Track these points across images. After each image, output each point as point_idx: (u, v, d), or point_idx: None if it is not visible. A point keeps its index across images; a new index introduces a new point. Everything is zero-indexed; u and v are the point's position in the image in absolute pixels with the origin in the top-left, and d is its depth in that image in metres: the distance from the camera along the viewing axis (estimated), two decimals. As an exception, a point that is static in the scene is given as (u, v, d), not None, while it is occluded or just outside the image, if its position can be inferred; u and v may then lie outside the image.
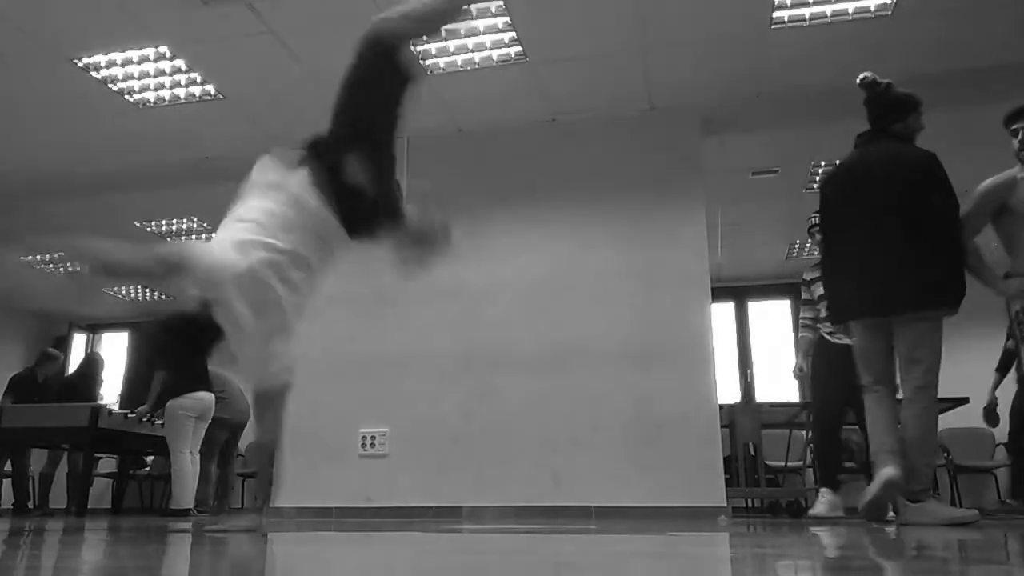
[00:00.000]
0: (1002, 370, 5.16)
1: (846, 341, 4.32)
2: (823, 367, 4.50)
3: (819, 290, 4.49)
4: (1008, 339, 4.79)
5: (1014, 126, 3.40)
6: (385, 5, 4.06)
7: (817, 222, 4.56)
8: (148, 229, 7.01)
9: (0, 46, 4.36)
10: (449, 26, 2.92)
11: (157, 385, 5.69)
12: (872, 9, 4.11)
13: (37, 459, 7.15)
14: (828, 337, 4.47)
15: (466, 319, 4.94)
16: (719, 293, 5.43)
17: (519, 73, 4.69)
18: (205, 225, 6.96)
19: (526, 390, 4.74)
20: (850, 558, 1.58)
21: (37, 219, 6.85)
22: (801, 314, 4.78)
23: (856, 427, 4.47)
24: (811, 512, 4.22)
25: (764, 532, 2.84)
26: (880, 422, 3.23)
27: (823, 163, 5.73)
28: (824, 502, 4.20)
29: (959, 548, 1.81)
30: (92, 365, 7.33)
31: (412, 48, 2.60)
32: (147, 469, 8.05)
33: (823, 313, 4.44)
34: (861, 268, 3.30)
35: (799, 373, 4.77)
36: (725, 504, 4.35)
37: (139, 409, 6.09)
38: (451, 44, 4.44)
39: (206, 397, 5.62)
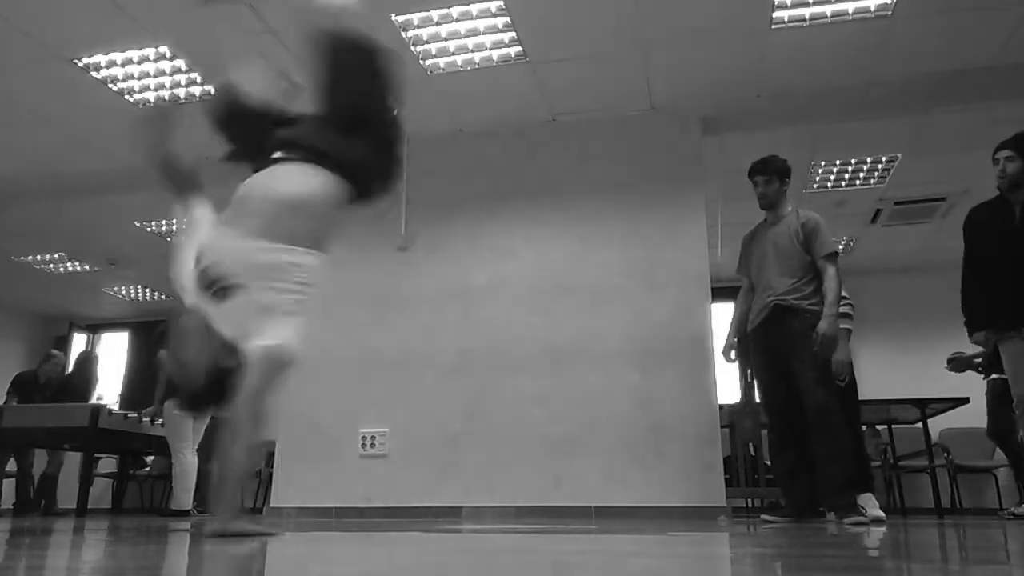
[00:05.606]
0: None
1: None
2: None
3: None
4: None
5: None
6: (383, 5, 4.08)
7: None
8: (148, 229, 7.00)
9: (0, 46, 4.36)
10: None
11: (163, 385, 5.68)
12: (872, 9, 4.11)
13: (39, 458, 7.16)
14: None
15: (466, 319, 4.94)
16: (719, 293, 5.41)
17: (519, 73, 4.69)
18: (205, 225, 6.94)
19: (526, 390, 4.73)
20: (849, 557, 1.58)
21: (37, 219, 6.85)
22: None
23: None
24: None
25: (764, 532, 2.84)
26: None
27: (823, 163, 5.72)
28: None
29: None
30: (86, 364, 7.36)
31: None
32: (147, 469, 8.05)
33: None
34: None
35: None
36: (725, 504, 4.35)
37: (147, 410, 6.09)
38: (451, 44, 4.44)
39: (206, 396, 5.60)
